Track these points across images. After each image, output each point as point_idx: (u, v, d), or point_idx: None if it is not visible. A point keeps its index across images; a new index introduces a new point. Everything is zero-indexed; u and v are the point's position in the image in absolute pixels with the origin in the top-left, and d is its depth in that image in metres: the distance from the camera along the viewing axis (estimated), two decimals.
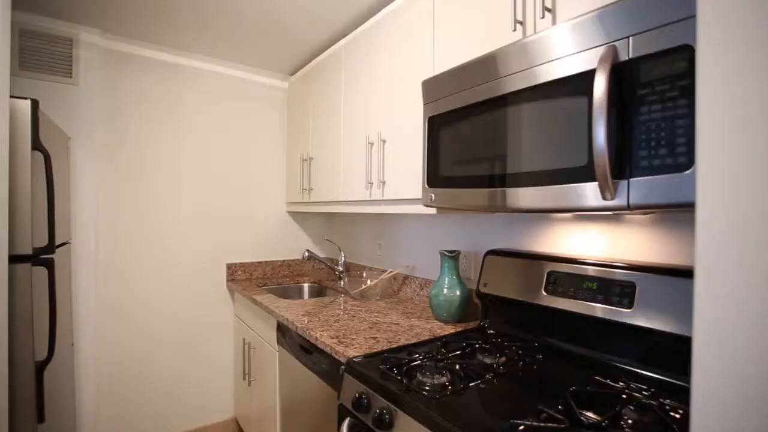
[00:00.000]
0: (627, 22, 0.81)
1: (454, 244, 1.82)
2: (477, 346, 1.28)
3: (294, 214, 2.84)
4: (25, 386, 1.41)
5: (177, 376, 2.42)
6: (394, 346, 1.31)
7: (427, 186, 1.35)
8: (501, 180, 1.10)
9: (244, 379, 2.28)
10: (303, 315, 1.70)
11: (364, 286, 1.99)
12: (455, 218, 1.83)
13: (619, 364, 1.10)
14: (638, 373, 1.05)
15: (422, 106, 1.41)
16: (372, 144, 1.77)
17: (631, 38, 0.80)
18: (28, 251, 1.42)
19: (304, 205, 2.51)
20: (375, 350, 1.27)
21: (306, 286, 2.61)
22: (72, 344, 2.11)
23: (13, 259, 1.34)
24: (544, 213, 1.46)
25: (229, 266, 2.57)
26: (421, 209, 1.52)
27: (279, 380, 1.85)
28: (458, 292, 1.56)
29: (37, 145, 1.47)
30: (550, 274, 1.29)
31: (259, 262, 2.68)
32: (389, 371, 1.10)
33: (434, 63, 1.46)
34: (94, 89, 2.16)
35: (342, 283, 2.45)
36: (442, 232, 1.90)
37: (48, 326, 1.58)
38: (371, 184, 1.77)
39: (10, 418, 1.28)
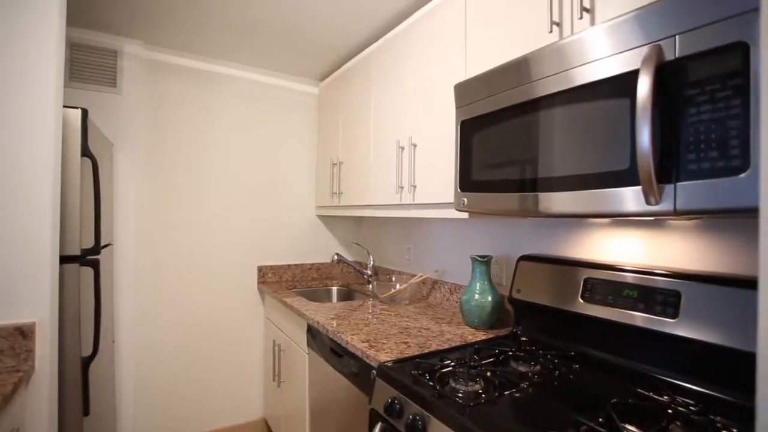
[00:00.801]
0: (673, 20, 0.78)
1: (485, 248, 1.80)
2: (510, 353, 1.26)
3: (323, 218, 2.88)
4: (73, 381, 1.47)
5: (209, 375, 2.48)
6: (426, 351, 1.30)
7: (459, 190, 1.34)
8: (534, 184, 1.07)
9: (273, 380, 2.32)
10: (333, 318, 1.71)
11: (393, 290, 1.99)
12: (486, 222, 1.80)
13: (662, 377, 1.05)
14: (683, 386, 1.00)
15: (454, 110, 1.40)
16: (402, 148, 1.77)
17: (677, 36, 0.77)
18: (77, 252, 1.49)
19: (333, 209, 2.54)
20: (406, 355, 1.26)
21: (335, 289, 2.63)
22: (113, 341, 2.20)
23: (63, 259, 1.41)
24: (580, 218, 1.41)
25: (260, 269, 2.62)
26: (452, 213, 1.51)
27: (309, 382, 1.87)
28: (490, 298, 1.53)
29: (86, 151, 1.54)
30: (586, 281, 1.25)
31: (289, 265, 2.72)
32: (421, 377, 1.09)
33: (466, 67, 1.45)
34: (135, 98, 2.26)
35: (370, 286, 2.46)
36: (473, 237, 1.87)
37: (93, 323, 1.66)
38: (401, 188, 1.77)
39: (60, 410, 1.34)
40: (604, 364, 1.18)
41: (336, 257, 2.42)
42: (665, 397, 0.97)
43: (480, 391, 1.01)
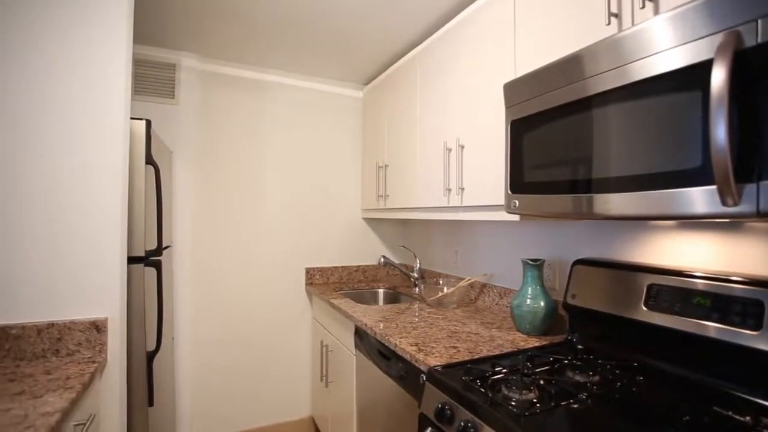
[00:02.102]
0: (753, 3, 0.71)
1: (537, 252, 1.73)
2: (566, 362, 1.20)
3: (369, 221, 2.90)
4: (139, 373, 1.58)
5: (259, 373, 2.57)
6: (476, 356, 1.27)
7: (510, 192, 1.30)
8: (591, 185, 1.02)
9: (321, 380, 2.36)
10: (380, 320, 1.72)
11: (440, 294, 1.97)
12: (537, 225, 1.74)
13: (741, 394, 0.96)
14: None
15: (504, 110, 1.36)
16: (450, 150, 1.75)
17: (760, 21, 0.70)
18: (141, 253, 1.59)
19: (379, 212, 2.55)
20: (456, 360, 1.24)
21: (381, 291, 2.64)
22: (172, 338, 2.33)
23: (130, 260, 1.51)
24: (641, 220, 1.33)
25: (308, 270, 2.68)
26: (502, 216, 1.46)
27: (356, 383, 1.88)
28: (542, 303, 1.47)
29: (149, 159, 1.65)
30: (650, 287, 1.17)
31: (336, 267, 2.77)
32: (472, 383, 1.06)
33: (515, 65, 1.41)
34: (191, 107, 2.39)
35: (417, 289, 2.44)
36: (523, 240, 1.81)
37: (156, 320, 1.76)
38: (449, 190, 1.74)
39: (128, 400, 1.44)
40: (671, 378, 1.10)
41: (382, 260, 2.43)
42: (747, 418, 0.88)
43: (534, 400, 0.97)
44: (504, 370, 1.13)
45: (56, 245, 1.28)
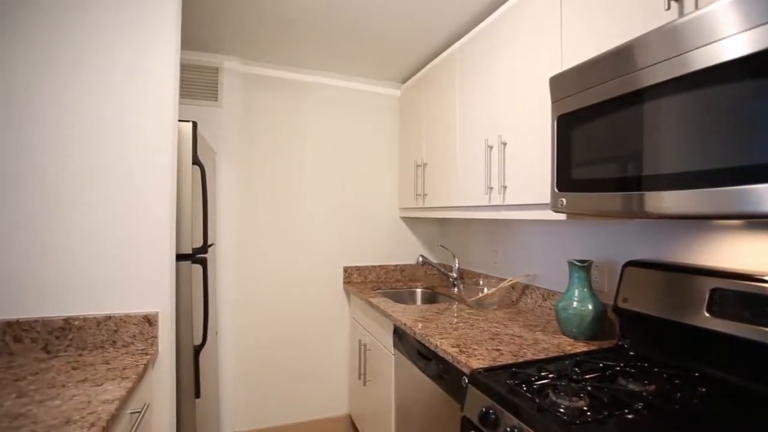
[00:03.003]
0: None
1: (583, 252, 1.66)
2: (618, 368, 1.14)
3: (406, 220, 2.89)
4: (187, 366, 1.64)
5: (298, 369, 2.62)
6: (520, 360, 1.23)
7: (556, 190, 1.25)
8: (643, 183, 0.96)
9: (359, 378, 2.37)
10: (419, 320, 1.70)
11: (480, 294, 1.92)
12: (583, 224, 1.66)
13: None
14: None
15: (549, 104, 1.31)
16: (491, 147, 1.71)
17: None
18: (188, 251, 1.66)
19: (417, 211, 2.54)
20: (499, 363, 1.21)
21: (419, 291, 2.62)
22: (216, 333, 2.42)
23: (178, 257, 1.57)
24: (700, 220, 1.24)
25: (346, 269, 2.71)
26: (548, 215, 1.41)
27: (394, 383, 1.88)
28: (590, 306, 1.41)
29: (195, 160, 1.71)
30: (714, 291, 1.09)
31: (373, 266, 2.77)
32: (518, 387, 1.03)
33: (562, 58, 1.35)
34: (233, 109, 2.47)
35: (456, 289, 2.41)
36: (568, 240, 1.74)
37: (202, 316, 1.83)
38: (491, 188, 1.70)
39: (177, 392, 1.50)
40: (738, 390, 1.02)
41: (421, 259, 2.41)
42: None
43: (585, 408, 0.93)
44: (551, 375, 1.09)
45: (113, 244, 1.35)
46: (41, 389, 1.00)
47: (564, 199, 1.22)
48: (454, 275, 2.46)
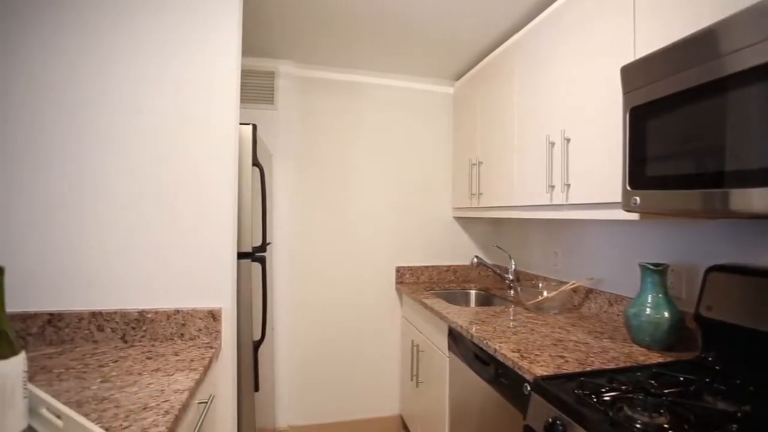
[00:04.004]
0: None
1: (656, 255, 1.53)
2: (703, 384, 1.03)
3: (460, 219, 2.83)
4: (247, 360, 1.70)
5: (350, 367, 2.65)
6: (588, 369, 1.16)
7: (628, 188, 1.16)
8: (728, 179, 0.86)
9: (411, 379, 2.35)
10: (475, 323, 1.65)
11: (540, 298, 1.84)
12: (655, 224, 1.54)
13: None
14: None
15: (620, 96, 1.22)
16: (553, 144, 1.62)
17: None
18: (249, 250, 1.72)
19: (471, 211, 2.47)
20: (565, 371, 1.14)
21: (473, 292, 2.56)
22: (272, 329, 2.50)
23: (238, 256, 1.63)
24: None
25: (398, 269, 2.70)
26: (617, 215, 1.31)
27: (449, 386, 1.84)
28: (666, 314, 1.30)
29: (255, 161, 1.77)
30: None
31: (426, 267, 2.74)
32: (587, 398, 0.96)
33: (635, 46, 1.25)
34: (288, 112, 2.54)
35: (512, 292, 2.32)
36: (638, 241, 1.62)
37: (261, 312, 1.89)
38: (552, 187, 1.62)
39: (237, 385, 1.56)
40: None
41: (475, 260, 2.35)
42: None
43: (666, 425, 0.85)
44: (623, 387, 1.01)
45: (182, 242, 1.43)
46: (121, 376, 1.07)
47: (637, 198, 1.13)
48: (511, 277, 2.37)
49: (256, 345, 1.80)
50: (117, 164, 1.38)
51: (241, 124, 1.68)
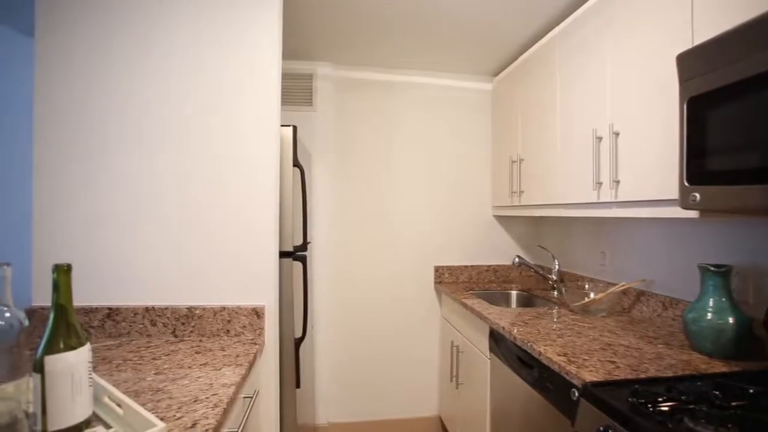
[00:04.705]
0: None
1: (716, 255, 1.43)
2: None
3: (500, 218, 2.77)
4: (288, 357, 1.74)
5: (388, 366, 2.65)
6: (642, 376, 1.09)
7: (686, 184, 1.08)
8: None
9: (451, 380, 2.32)
10: (518, 324, 1.60)
11: (586, 299, 1.76)
12: (716, 223, 1.43)
13: None
14: None
15: (676, 86, 1.14)
16: (600, 138, 1.55)
17: None
18: (290, 249, 1.75)
19: (512, 209, 2.41)
20: (616, 377, 1.08)
21: (514, 293, 2.49)
22: (312, 327, 2.54)
23: (280, 254, 1.67)
24: None
25: (437, 269, 2.67)
26: (673, 212, 1.23)
27: (490, 388, 1.80)
28: (731, 320, 1.20)
29: (296, 162, 1.81)
30: None
31: (465, 266, 2.70)
32: (643, 407, 0.91)
33: (693, 31, 1.17)
34: (326, 112, 2.57)
35: (556, 293, 2.24)
36: (696, 241, 1.51)
37: (302, 310, 1.93)
38: (599, 184, 1.55)
39: (279, 381, 1.60)
40: None
41: (517, 260, 2.29)
42: None
43: None
44: (683, 397, 0.94)
45: (228, 241, 1.48)
46: (173, 368, 1.12)
47: (697, 194, 1.05)
48: (554, 278, 2.29)
49: (298, 342, 1.84)
50: (170, 168, 1.45)
51: (281, 126, 1.72)
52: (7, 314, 0.76)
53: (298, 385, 1.84)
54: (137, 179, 1.43)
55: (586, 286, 1.94)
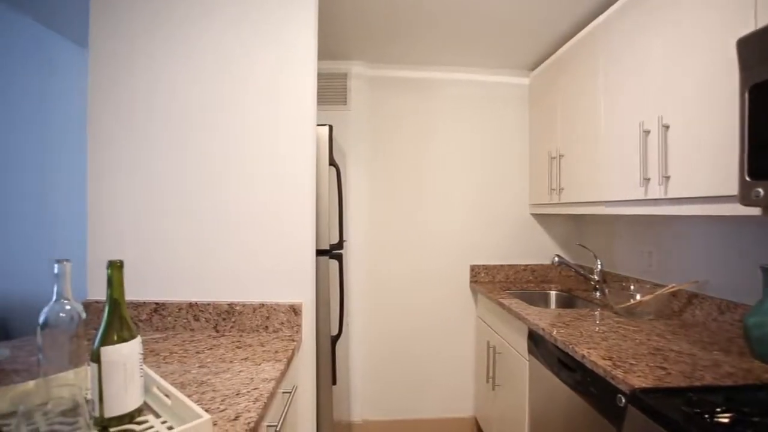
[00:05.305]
0: None
1: None
2: None
3: (538, 216, 2.69)
4: (325, 354, 1.76)
5: (423, 365, 2.63)
6: (696, 384, 1.03)
7: (748, 179, 1.01)
8: None
9: (487, 382, 2.28)
10: (558, 326, 1.55)
11: (632, 301, 1.68)
12: None
13: None
14: None
15: (736, 73, 1.06)
16: (648, 132, 1.47)
17: None
18: (326, 247, 1.77)
19: (551, 207, 2.34)
20: (667, 384, 1.02)
21: (553, 293, 2.41)
22: (347, 325, 2.56)
23: (317, 253, 1.69)
24: None
25: (473, 268, 2.63)
26: (732, 209, 1.15)
27: (529, 391, 1.75)
28: None
29: (332, 161, 1.82)
30: None
31: (502, 265, 2.64)
32: (699, 417, 0.85)
33: (756, 12, 1.09)
34: (360, 111, 2.58)
35: (598, 294, 2.16)
36: (756, 240, 1.41)
37: (338, 308, 1.95)
38: (647, 180, 1.47)
39: (316, 377, 1.62)
40: None
41: (557, 259, 2.22)
42: None
43: None
44: (745, 409, 0.88)
45: (266, 239, 1.51)
46: (215, 362, 1.16)
47: (761, 190, 0.98)
48: (596, 278, 2.20)
49: (334, 340, 1.86)
50: (213, 168, 1.49)
51: (317, 125, 1.74)
52: (68, 307, 0.81)
53: (334, 382, 1.86)
54: (181, 180, 1.49)
55: (632, 287, 1.85)
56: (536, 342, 1.67)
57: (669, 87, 1.39)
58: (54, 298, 0.81)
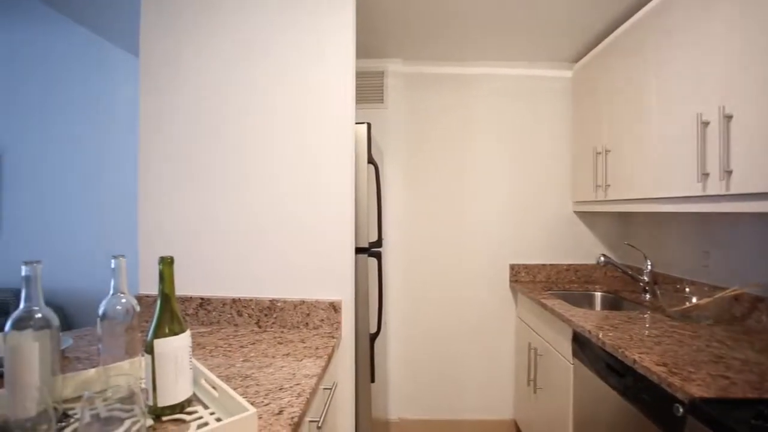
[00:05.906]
0: None
1: None
2: None
3: (582, 214, 2.58)
4: (364, 352, 1.76)
5: (461, 365, 2.59)
6: (766, 396, 0.95)
7: None
8: None
9: (528, 384, 2.22)
10: (605, 328, 1.48)
11: (688, 304, 1.58)
12: None
13: None
14: None
15: None
16: (707, 123, 1.37)
17: None
18: (365, 245, 1.77)
19: (596, 204, 2.24)
20: (731, 395, 0.95)
21: (598, 294, 2.31)
22: (385, 323, 2.56)
23: (356, 251, 1.70)
24: None
25: (512, 267, 2.56)
26: None
27: (573, 396, 1.68)
28: None
29: (370, 159, 1.82)
30: None
31: (543, 265, 2.56)
32: None
33: None
34: (397, 109, 2.57)
35: (648, 296, 2.04)
36: None
37: (377, 306, 1.94)
38: (706, 175, 1.37)
39: (355, 375, 1.62)
40: None
41: (602, 259, 2.12)
42: None
43: None
44: None
45: (307, 238, 1.53)
46: (258, 357, 1.19)
47: None
48: (646, 279, 2.09)
49: (373, 337, 1.86)
50: (256, 169, 1.53)
51: (356, 123, 1.74)
52: (124, 300, 0.85)
53: (372, 380, 1.86)
54: (227, 181, 1.53)
55: (687, 289, 1.74)
56: (581, 345, 1.60)
57: (733, 74, 1.29)
58: (111, 291, 0.86)
